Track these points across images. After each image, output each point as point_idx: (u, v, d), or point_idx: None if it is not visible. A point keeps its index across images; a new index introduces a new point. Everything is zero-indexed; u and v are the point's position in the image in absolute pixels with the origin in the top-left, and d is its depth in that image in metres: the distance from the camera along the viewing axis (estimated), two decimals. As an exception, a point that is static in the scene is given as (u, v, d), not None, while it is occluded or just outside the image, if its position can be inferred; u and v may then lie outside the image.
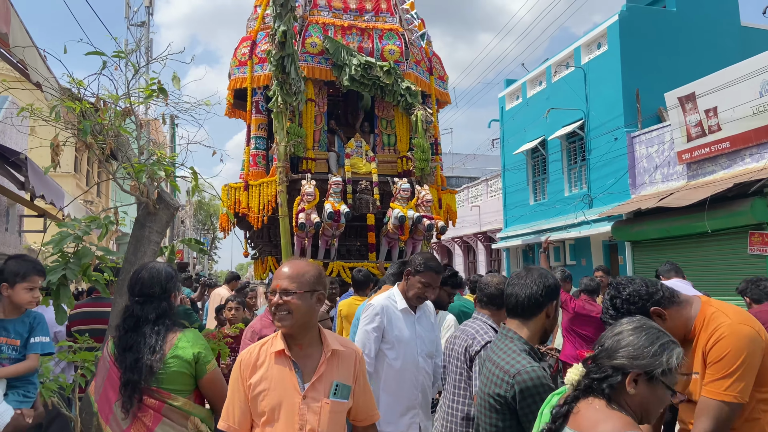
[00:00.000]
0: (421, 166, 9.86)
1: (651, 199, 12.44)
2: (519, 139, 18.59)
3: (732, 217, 10.56)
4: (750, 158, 10.99)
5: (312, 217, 8.75)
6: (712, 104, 11.55)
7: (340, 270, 9.23)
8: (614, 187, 14.45)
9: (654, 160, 13.48)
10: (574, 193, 16.36)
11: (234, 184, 10.13)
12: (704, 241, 11.31)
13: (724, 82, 11.20)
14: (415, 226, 9.30)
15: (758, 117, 10.59)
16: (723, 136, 11.43)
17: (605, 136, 14.69)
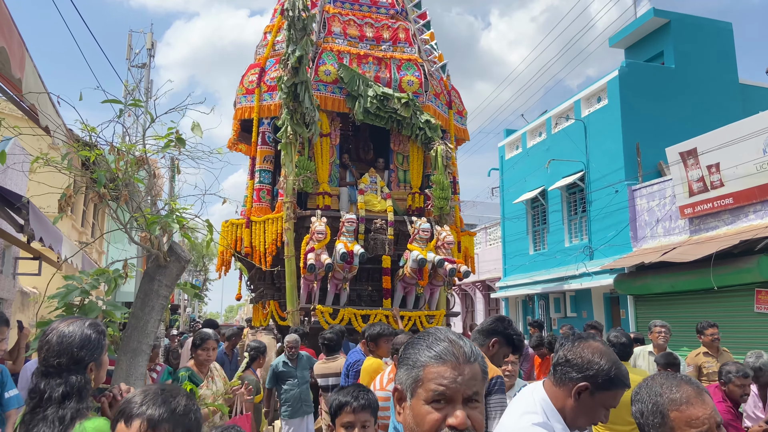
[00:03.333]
0: (440, 205, 9.15)
1: (653, 253, 12.34)
2: (519, 188, 18.61)
3: (738, 274, 10.44)
4: (754, 215, 10.96)
5: (322, 258, 8.02)
6: (714, 160, 11.59)
7: (351, 318, 8.52)
8: (615, 240, 14.37)
9: (655, 214, 13.46)
10: (574, 244, 16.27)
11: (235, 221, 9.35)
12: (710, 298, 11.15)
13: (726, 140, 11.27)
14: (435, 270, 8.58)
15: (762, 174, 10.62)
16: (726, 192, 11.43)
17: (606, 188, 14.71)
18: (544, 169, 16.88)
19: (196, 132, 3.16)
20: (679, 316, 11.37)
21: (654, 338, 6.30)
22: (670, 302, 12.15)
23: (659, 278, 12.15)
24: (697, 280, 11.02)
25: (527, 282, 17.58)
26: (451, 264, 8.51)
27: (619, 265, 13.22)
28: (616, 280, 13.49)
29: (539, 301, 17.70)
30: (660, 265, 11.80)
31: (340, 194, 9.32)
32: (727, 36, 15.87)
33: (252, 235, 8.93)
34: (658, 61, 15.94)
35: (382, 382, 3.61)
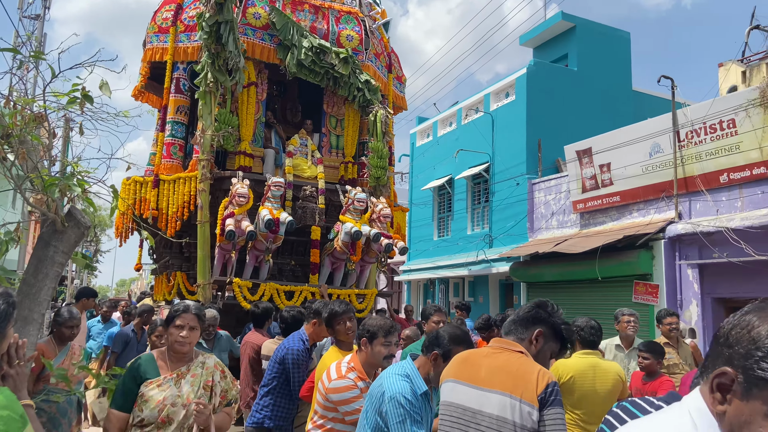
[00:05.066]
0: (377, 174, 8.32)
1: (547, 244, 13.13)
2: (427, 175, 19.05)
3: (620, 266, 11.35)
4: (637, 213, 11.93)
5: (243, 225, 7.04)
6: (606, 160, 12.46)
7: (273, 293, 7.53)
8: (514, 230, 15.12)
9: (551, 207, 14.28)
10: (476, 232, 16.93)
11: (139, 178, 8.03)
12: (595, 287, 12.03)
13: (618, 141, 12.14)
14: (369, 245, 7.81)
15: (647, 176, 11.55)
16: (614, 191, 12.34)
17: (508, 180, 15.40)
18: (452, 158, 17.38)
19: (105, 91, 2.97)
20: (566, 303, 12.19)
21: (622, 329, 5.65)
22: (560, 290, 12.99)
23: (551, 267, 12.95)
24: (584, 270, 11.85)
25: (430, 267, 18.11)
26: (388, 239, 7.76)
27: (516, 254, 13.95)
28: (511, 268, 14.23)
29: (440, 285, 18.30)
30: (552, 255, 12.57)
31: (265, 156, 8.27)
32: (625, 45, 17.03)
33: (159, 195, 7.73)
34: (563, 63, 16.82)
35: (340, 371, 3.09)
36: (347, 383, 3.04)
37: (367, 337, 3.17)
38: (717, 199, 10.26)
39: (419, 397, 2.52)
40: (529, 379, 2.12)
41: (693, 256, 10.53)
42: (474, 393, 2.23)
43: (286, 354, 4.11)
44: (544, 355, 2.30)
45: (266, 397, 4.13)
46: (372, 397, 2.61)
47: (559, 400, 2.08)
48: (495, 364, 2.25)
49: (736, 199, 10.00)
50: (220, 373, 3.01)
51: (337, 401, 3.01)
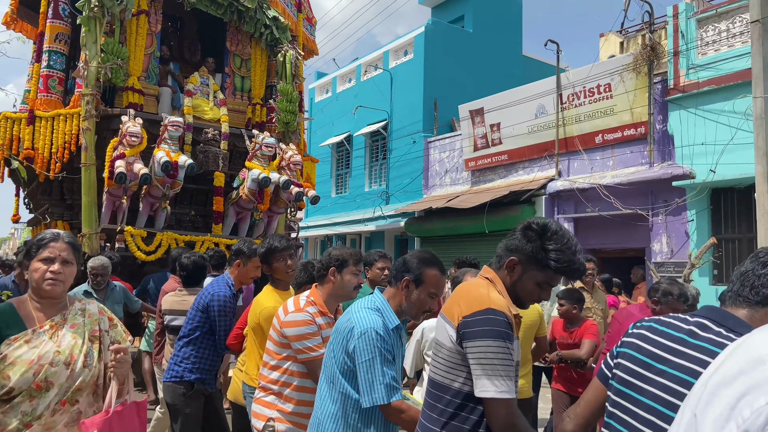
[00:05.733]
0: (286, 119, 7.85)
1: (440, 200, 13.64)
2: (326, 132, 18.95)
3: (506, 220, 12.04)
4: (523, 171, 12.65)
5: (136, 168, 6.42)
6: (496, 120, 13.04)
7: (172, 244, 7.01)
8: (409, 187, 15.52)
9: (445, 165, 14.78)
10: (373, 189, 17.19)
11: (11, 114, 7.21)
12: (483, 240, 12.71)
13: (507, 102, 12.72)
14: (278, 193, 7.42)
15: (532, 136, 12.24)
16: (503, 150, 12.98)
17: (405, 138, 15.70)
18: (351, 114, 17.38)
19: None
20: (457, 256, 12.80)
21: None
22: (451, 244, 13.60)
23: (443, 222, 13.50)
24: (474, 225, 12.47)
25: (328, 223, 18.21)
26: (299, 188, 7.39)
27: (411, 210, 14.38)
28: (406, 224, 14.68)
29: (337, 241, 18.49)
30: (445, 210, 13.09)
31: (160, 95, 7.58)
32: (517, 10, 17.68)
33: (36, 134, 6.91)
34: (459, 24, 17.19)
35: (298, 304, 2.88)
36: (304, 317, 2.81)
37: (337, 265, 2.92)
38: (592, 158, 11.10)
39: (391, 333, 2.32)
40: (462, 301, 1.94)
41: (569, 211, 11.40)
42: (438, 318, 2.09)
43: (211, 301, 3.72)
44: (527, 286, 1.98)
45: (187, 348, 3.77)
46: (339, 333, 2.36)
47: (489, 332, 1.80)
48: (457, 290, 2.11)
49: (608, 158, 10.88)
50: (107, 320, 2.37)
51: (291, 336, 2.77)
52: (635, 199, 9.96)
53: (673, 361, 1.42)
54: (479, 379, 1.81)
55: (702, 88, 9.15)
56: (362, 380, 2.22)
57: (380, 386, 2.20)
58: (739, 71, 8.51)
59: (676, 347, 1.43)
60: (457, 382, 1.88)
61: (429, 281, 2.39)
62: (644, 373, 1.46)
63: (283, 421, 2.82)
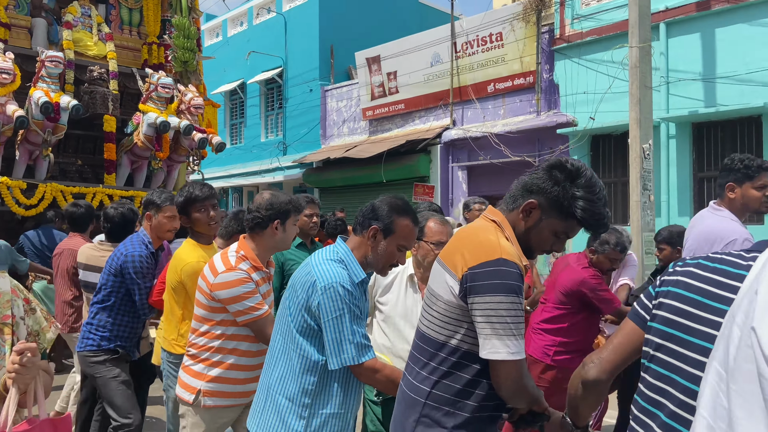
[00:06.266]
0: (184, 58, 7.22)
1: (338, 150, 13.49)
2: (218, 78, 18.00)
3: (403, 169, 12.16)
4: (419, 120, 12.72)
5: (9, 110, 5.77)
6: (393, 68, 12.94)
7: (58, 196, 6.39)
8: (307, 137, 15.20)
9: (342, 114, 14.57)
10: (270, 140, 16.69)
11: None
12: (381, 190, 12.64)
13: (403, 49, 12.61)
14: (178, 139, 6.84)
15: (428, 84, 12.28)
16: (399, 99, 12.95)
17: (302, 86, 15.25)
18: (244, 60, 16.59)
19: None
20: (355, 205, 12.82)
21: (473, 217, 5.53)
22: (349, 193, 13.56)
23: (342, 172, 13.39)
24: (371, 174, 12.47)
25: (223, 175, 17.55)
26: (202, 133, 6.87)
27: (309, 160, 14.13)
28: (305, 174, 14.44)
29: (233, 194, 17.92)
30: (343, 160, 12.97)
31: (34, 27, 6.76)
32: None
33: None
34: (356, -32, 16.68)
35: (228, 261, 2.58)
36: (239, 275, 2.54)
37: (281, 216, 2.64)
38: (484, 107, 11.34)
39: (357, 287, 2.09)
40: (467, 249, 1.69)
41: (463, 159, 11.66)
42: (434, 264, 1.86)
43: (124, 263, 3.34)
44: (543, 235, 1.73)
45: (102, 315, 3.41)
46: (297, 289, 2.11)
47: (500, 286, 1.60)
48: (458, 235, 1.85)
49: (499, 107, 11.16)
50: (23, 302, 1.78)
51: (226, 299, 2.52)
52: (524, 147, 10.33)
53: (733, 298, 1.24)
54: (488, 339, 1.60)
55: (585, 38, 9.51)
56: (329, 340, 2.01)
57: (350, 346, 2.00)
58: (617, 22, 8.89)
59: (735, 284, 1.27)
60: (455, 339, 1.68)
61: (400, 232, 2.13)
62: (696, 312, 1.32)
63: (214, 393, 2.58)
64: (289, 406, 2.08)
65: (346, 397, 2.12)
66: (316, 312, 2.02)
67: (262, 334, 2.54)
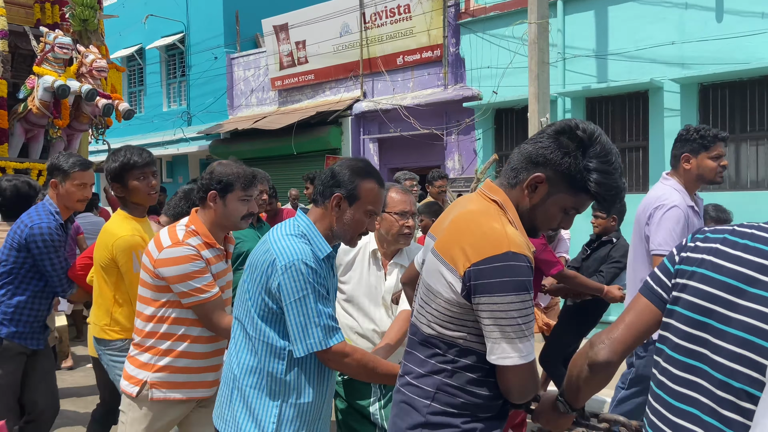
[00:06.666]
0: (84, 16, 6.63)
1: (247, 121, 13.15)
2: (114, 43, 16.83)
3: (314, 141, 12.05)
4: (330, 91, 12.60)
5: None
6: (302, 37, 12.68)
7: None
8: (213, 107, 14.67)
9: (251, 84, 14.15)
10: (172, 109, 15.97)
11: None
12: (291, 162, 12.61)
13: (311, 18, 12.37)
14: (80, 105, 6.33)
15: (338, 55, 12.15)
16: (309, 69, 12.74)
17: (206, 53, 14.63)
18: (141, 24, 15.64)
19: None
20: (265, 178, 12.61)
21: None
22: (260, 166, 12.94)
23: (251, 144, 13.08)
24: (282, 146, 12.27)
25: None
26: (106, 99, 6.39)
27: (215, 131, 13.68)
28: (211, 146, 13.97)
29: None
30: (252, 132, 12.66)
31: None
32: None
33: None
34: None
35: (175, 235, 2.35)
36: (186, 251, 2.29)
37: (218, 189, 2.38)
38: (394, 80, 11.41)
39: (322, 263, 1.90)
40: (468, 242, 1.50)
41: (374, 131, 11.72)
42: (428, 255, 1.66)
43: (30, 236, 2.98)
44: (550, 211, 1.55)
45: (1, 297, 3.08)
46: (255, 269, 1.92)
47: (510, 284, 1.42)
48: (454, 216, 1.63)
49: (408, 79, 11.27)
50: None
51: (171, 277, 2.28)
52: (432, 120, 10.53)
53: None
54: (497, 344, 1.45)
55: (488, 13, 9.74)
56: (293, 324, 1.83)
57: (315, 329, 1.82)
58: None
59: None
60: (460, 338, 1.53)
61: (366, 197, 1.96)
62: (731, 299, 1.18)
63: (163, 384, 2.36)
64: (258, 397, 1.90)
65: (320, 382, 1.96)
66: (276, 294, 1.85)
67: (208, 320, 2.33)
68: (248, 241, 3.75)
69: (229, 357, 2.03)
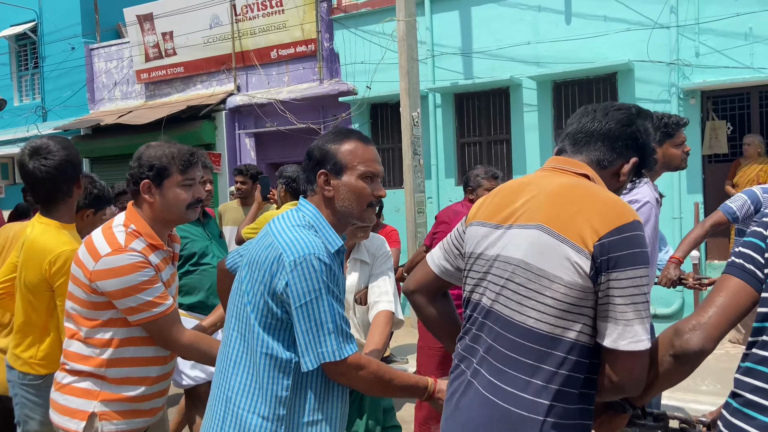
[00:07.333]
0: None
1: (111, 115, 12.33)
2: (-52, 30, 15.09)
3: (185, 136, 11.51)
4: (201, 84, 12.15)
5: None
6: (169, 28, 12.10)
7: None
8: (71, 101, 13.60)
9: (113, 77, 13.29)
10: (25, 104, 14.61)
11: None
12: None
13: (178, 8, 11.84)
14: None
15: (208, 48, 11.74)
16: (178, 61, 12.19)
17: (61, 43, 13.52)
18: (-17, 9, 14.11)
19: None
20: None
21: None
22: (125, 163, 12.37)
23: (115, 140, 12.28)
24: (151, 141, 11.62)
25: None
26: None
27: (75, 127, 12.70)
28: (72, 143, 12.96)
29: None
30: (116, 127, 11.90)
31: None
32: None
33: None
34: None
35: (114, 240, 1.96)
36: (131, 258, 1.89)
37: (152, 176, 2.04)
38: (269, 74, 11.24)
39: (334, 258, 1.61)
40: (591, 211, 1.33)
41: (250, 126, 11.49)
42: (498, 233, 1.45)
43: None
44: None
45: None
46: (255, 268, 1.61)
47: (642, 256, 1.30)
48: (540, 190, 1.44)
49: (283, 74, 11.15)
50: None
51: (113, 291, 1.88)
52: (308, 114, 10.51)
53: None
54: (629, 327, 1.27)
55: (360, 10, 9.90)
56: (302, 331, 1.53)
57: (329, 336, 1.53)
58: (389, -4, 9.40)
59: None
60: (573, 331, 1.33)
61: (351, 159, 1.68)
62: None
63: (113, 415, 1.95)
64: (260, 423, 1.58)
65: (331, 396, 1.65)
66: (283, 295, 1.55)
67: (164, 338, 1.95)
68: (198, 240, 3.51)
69: (218, 376, 1.70)
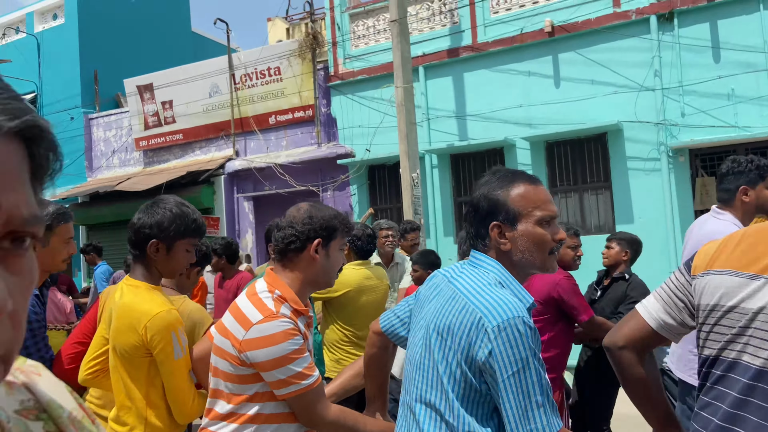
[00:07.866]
0: None
1: (109, 183, 12.47)
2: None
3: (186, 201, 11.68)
4: (200, 150, 12.41)
5: None
6: (168, 97, 12.45)
7: None
8: (70, 169, 13.74)
9: (112, 145, 13.53)
10: (22, 173, 14.70)
11: None
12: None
13: (178, 79, 12.24)
14: None
15: (208, 115, 12.07)
16: (177, 128, 12.49)
17: (61, 114, 13.81)
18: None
19: None
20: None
21: (380, 244, 5.33)
22: (123, 229, 12.50)
23: (114, 207, 12.38)
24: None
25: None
26: None
27: (73, 195, 12.81)
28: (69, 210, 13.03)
29: None
30: (114, 194, 12.03)
31: None
32: (185, -16, 17.04)
33: None
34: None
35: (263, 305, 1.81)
36: (283, 326, 1.73)
37: (324, 236, 1.89)
38: (267, 139, 11.54)
39: None
40: None
41: (248, 189, 11.68)
42: (757, 284, 1.43)
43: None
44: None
45: None
46: (447, 334, 1.46)
47: None
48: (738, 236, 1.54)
49: (282, 138, 11.46)
50: None
51: (265, 362, 1.71)
52: (307, 177, 10.74)
53: None
54: None
55: (357, 77, 10.31)
56: (509, 405, 1.37)
57: (538, 411, 1.36)
58: (384, 63, 9.83)
59: None
60: None
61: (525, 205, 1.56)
62: None
63: None
64: None
65: None
66: (485, 366, 1.39)
67: (309, 414, 1.79)
68: None
69: None
